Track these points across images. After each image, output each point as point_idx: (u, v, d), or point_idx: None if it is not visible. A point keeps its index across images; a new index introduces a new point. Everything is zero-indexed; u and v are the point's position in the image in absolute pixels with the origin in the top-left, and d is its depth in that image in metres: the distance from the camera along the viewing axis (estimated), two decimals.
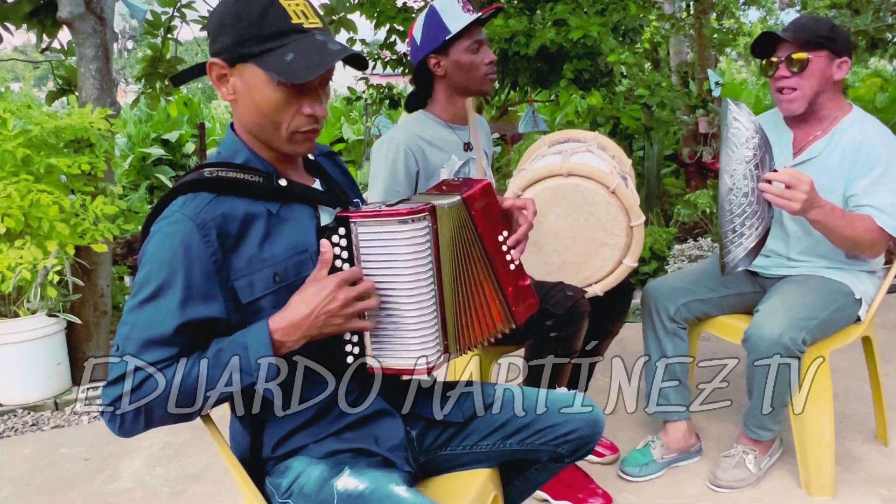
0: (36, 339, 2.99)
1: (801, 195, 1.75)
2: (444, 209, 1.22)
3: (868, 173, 1.95)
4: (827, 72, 2.00)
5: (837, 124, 2.04)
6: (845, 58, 2.01)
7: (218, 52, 1.16)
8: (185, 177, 1.20)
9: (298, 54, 1.12)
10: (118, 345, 1.11)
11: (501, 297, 1.32)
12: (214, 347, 1.12)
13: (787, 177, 1.76)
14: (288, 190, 1.22)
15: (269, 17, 1.12)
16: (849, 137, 2.01)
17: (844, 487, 2.09)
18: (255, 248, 1.17)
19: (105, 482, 2.40)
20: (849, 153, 1.99)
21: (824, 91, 2.02)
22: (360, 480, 1.18)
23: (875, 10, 5.92)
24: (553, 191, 1.94)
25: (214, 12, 1.17)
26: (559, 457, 1.40)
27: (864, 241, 1.91)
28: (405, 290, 1.18)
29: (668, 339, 2.21)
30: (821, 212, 1.82)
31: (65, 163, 2.98)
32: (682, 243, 5.30)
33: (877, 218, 1.90)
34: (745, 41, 9.31)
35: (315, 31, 1.15)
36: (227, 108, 11.93)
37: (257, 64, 1.13)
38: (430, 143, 2.01)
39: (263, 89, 1.14)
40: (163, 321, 1.09)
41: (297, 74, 1.11)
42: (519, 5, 4.09)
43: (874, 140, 1.98)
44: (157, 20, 4.39)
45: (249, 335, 1.12)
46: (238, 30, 1.13)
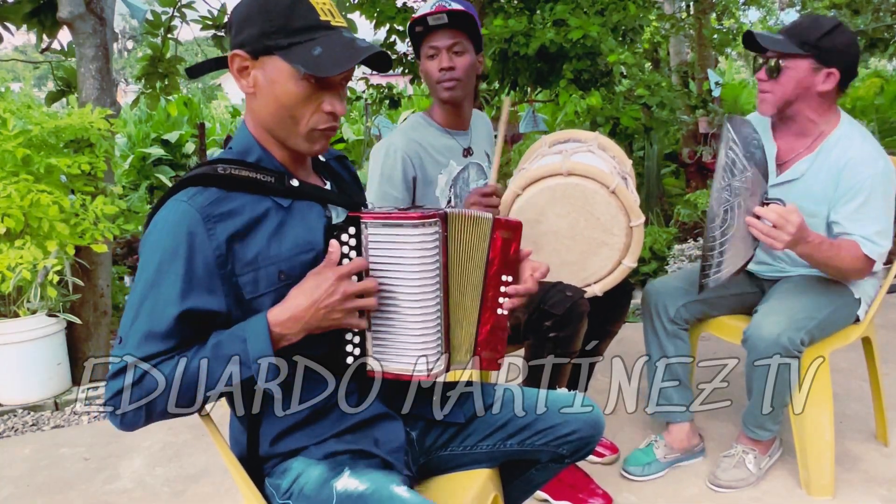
0: (36, 339, 2.99)
1: (785, 236, 1.72)
2: (460, 217, 1.23)
3: (852, 199, 1.90)
4: (806, 81, 1.90)
5: (823, 141, 1.97)
6: (833, 69, 1.89)
7: (241, 43, 1.16)
8: (197, 168, 1.19)
9: (326, 49, 1.12)
10: (120, 336, 1.11)
11: (474, 329, 1.29)
12: (213, 340, 1.12)
13: (774, 216, 1.72)
14: (299, 190, 1.22)
15: (298, 11, 1.13)
16: (833, 157, 1.94)
17: (844, 487, 2.09)
18: (263, 245, 1.17)
19: (105, 482, 2.40)
20: (832, 177, 1.93)
21: (802, 100, 1.94)
22: (361, 481, 1.17)
23: (875, 10, 5.92)
24: (553, 190, 1.94)
25: (239, 5, 1.17)
26: (559, 457, 1.40)
27: (849, 270, 1.90)
28: (410, 294, 1.18)
29: (668, 341, 2.21)
30: (807, 247, 1.79)
31: (65, 163, 2.98)
32: (682, 243, 5.30)
33: (863, 246, 1.88)
34: None
35: (342, 29, 1.16)
36: (227, 109, 11.94)
37: (283, 57, 1.13)
38: (429, 150, 2.00)
39: (286, 83, 1.14)
40: (163, 311, 1.09)
41: (324, 68, 1.11)
42: (519, 5, 4.09)
43: (858, 162, 1.90)
44: (157, 20, 4.39)
45: (248, 328, 1.12)
46: (265, 22, 1.13)
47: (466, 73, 1.96)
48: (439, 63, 1.93)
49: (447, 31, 1.92)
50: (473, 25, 1.94)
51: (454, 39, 1.92)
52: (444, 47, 1.92)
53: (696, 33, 6.72)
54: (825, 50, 1.88)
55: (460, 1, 1.94)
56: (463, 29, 1.93)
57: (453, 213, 1.23)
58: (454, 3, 1.91)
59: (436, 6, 1.91)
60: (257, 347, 1.10)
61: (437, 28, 1.92)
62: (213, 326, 1.14)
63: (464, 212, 1.25)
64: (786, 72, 1.92)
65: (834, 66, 1.90)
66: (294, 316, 1.12)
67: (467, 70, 1.96)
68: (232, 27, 1.18)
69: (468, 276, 1.27)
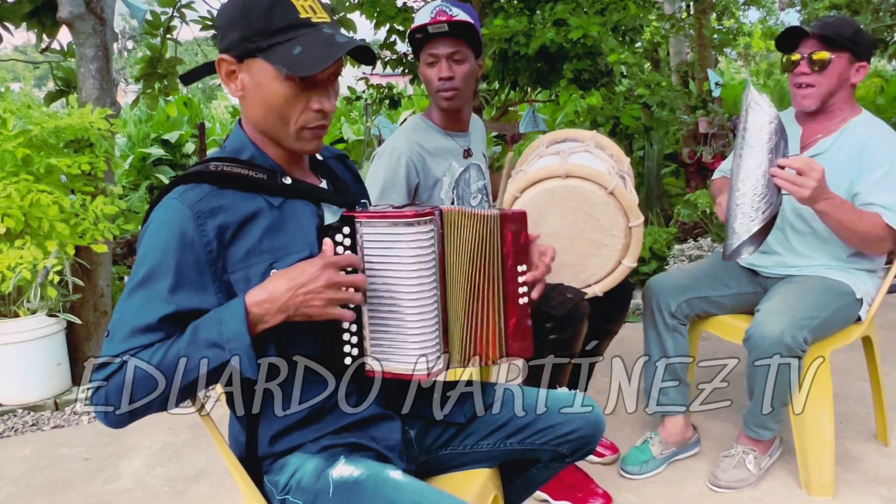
0: (36, 339, 2.99)
1: (812, 182, 1.76)
2: (457, 213, 1.23)
3: (874, 170, 1.96)
4: (846, 73, 2.04)
5: (846, 124, 2.07)
6: (864, 62, 2.04)
7: (227, 48, 1.16)
8: (190, 168, 1.20)
9: (306, 47, 1.12)
10: (109, 330, 1.11)
11: (503, 325, 1.31)
12: (192, 325, 1.10)
13: (800, 163, 1.77)
14: (292, 188, 1.22)
15: (277, 11, 1.12)
16: (856, 136, 2.03)
17: (844, 487, 2.09)
18: (255, 243, 1.16)
19: (105, 482, 2.40)
20: (855, 152, 2.01)
21: (839, 91, 2.05)
22: (356, 467, 1.17)
23: (875, 11, 5.92)
24: (551, 193, 1.94)
25: (223, 9, 1.17)
26: (559, 456, 1.41)
27: (871, 236, 1.92)
28: (407, 293, 1.17)
29: (668, 336, 2.21)
30: (829, 203, 1.83)
31: (65, 163, 2.98)
32: (682, 243, 5.30)
33: (884, 215, 1.91)
34: (744, 41, 9.32)
35: (323, 24, 1.15)
36: (227, 109, 11.94)
37: (265, 58, 1.13)
38: (431, 153, 2.00)
39: (271, 84, 1.14)
40: (151, 309, 1.09)
41: (304, 67, 1.11)
42: (519, 5, 4.09)
43: (880, 140, 2.00)
44: (157, 20, 4.38)
45: (225, 309, 1.09)
46: (246, 25, 1.13)
47: (465, 81, 1.95)
48: (439, 72, 1.92)
49: (447, 40, 1.91)
50: (474, 33, 1.93)
51: (454, 48, 1.91)
52: (444, 56, 1.91)
53: (696, 33, 6.72)
54: (859, 45, 2.02)
55: (461, 6, 1.93)
56: (463, 37, 1.91)
57: (449, 210, 1.23)
58: (455, 10, 1.90)
59: (436, 10, 1.90)
60: (232, 328, 1.07)
61: (437, 36, 1.91)
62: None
63: (461, 208, 1.25)
64: (832, 65, 2.02)
65: (864, 60, 2.05)
66: (271, 296, 1.08)
67: (466, 78, 1.95)
68: (218, 32, 1.18)
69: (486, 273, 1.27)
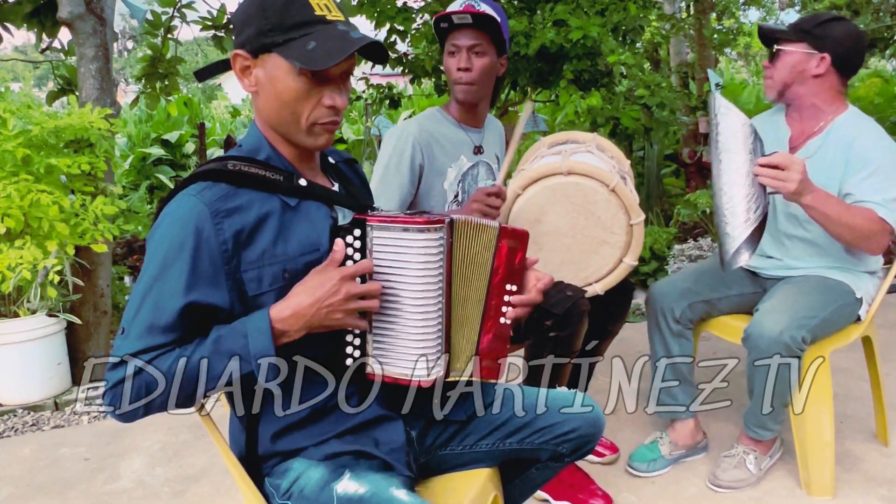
0: (36, 339, 2.99)
1: (796, 175, 1.75)
2: (467, 224, 1.23)
3: (862, 169, 1.95)
4: (801, 65, 2.02)
5: (832, 123, 2.05)
6: (826, 54, 1.99)
7: (242, 43, 1.18)
8: (207, 164, 1.20)
9: (320, 42, 1.13)
10: (123, 326, 1.11)
11: (475, 338, 1.29)
12: (214, 334, 1.12)
13: (779, 158, 1.76)
14: (307, 190, 1.23)
15: (293, 8, 1.14)
16: (842, 135, 2.02)
17: (844, 487, 2.08)
18: (269, 243, 1.17)
19: (105, 482, 2.40)
20: (842, 151, 2.00)
21: (799, 84, 2.04)
22: (360, 484, 1.18)
23: (875, 11, 5.92)
24: (553, 189, 1.94)
25: (240, 5, 1.19)
26: (559, 456, 1.41)
27: (863, 230, 1.87)
28: (412, 299, 1.18)
29: (674, 341, 2.22)
30: (816, 197, 1.81)
31: (65, 163, 2.98)
32: (682, 243, 5.31)
33: (877, 210, 1.89)
34: (745, 41, 9.33)
35: (337, 22, 1.17)
36: (227, 109, 11.95)
37: (279, 53, 1.15)
38: (441, 141, 2.02)
39: (285, 79, 1.16)
40: (167, 303, 1.10)
41: (318, 61, 1.12)
42: (519, 5, 4.09)
43: (867, 138, 1.98)
44: (157, 20, 4.39)
45: (250, 324, 1.12)
46: (262, 21, 1.15)
47: (483, 74, 1.97)
48: (458, 62, 1.95)
49: (470, 31, 1.94)
50: (498, 28, 1.95)
51: (476, 41, 1.94)
52: (465, 47, 1.94)
53: (696, 33, 6.72)
54: (818, 36, 2.00)
55: (490, 3, 1.96)
56: (487, 30, 1.94)
57: (459, 220, 1.23)
58: (483, 5, 1.93)
59: (464, 6, 1.92)
60: (259, 344, 1.11)
61: (462, 26, 1.94)
62: (215, 321, 1.14)
63: (471, 219, 1.25)
64: (782, 56, 2.04)
65: (826, 52, 2.00)
66: (296, 313, 1.12)
67: (484, 72, 1.97)
68: (234, 28, 1.20)
69: (471, 283, 1.27)
